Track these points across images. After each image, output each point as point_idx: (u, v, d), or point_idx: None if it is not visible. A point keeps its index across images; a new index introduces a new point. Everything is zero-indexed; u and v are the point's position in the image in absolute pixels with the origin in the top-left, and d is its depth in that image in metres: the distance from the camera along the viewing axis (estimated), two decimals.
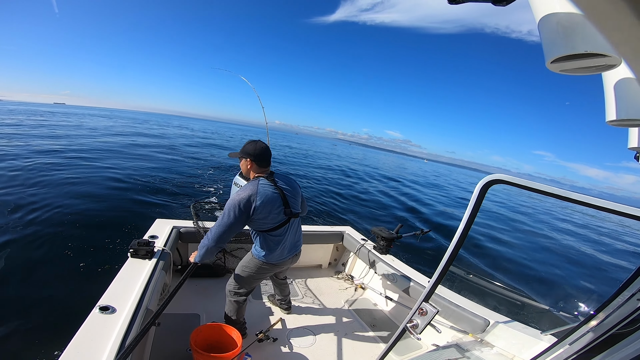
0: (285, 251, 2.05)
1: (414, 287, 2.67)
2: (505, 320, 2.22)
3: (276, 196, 1.88)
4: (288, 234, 2.00)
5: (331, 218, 7.74)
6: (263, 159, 1.93)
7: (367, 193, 12.46)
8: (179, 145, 18.69)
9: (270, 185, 1.89)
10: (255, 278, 2.10)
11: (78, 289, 3.25)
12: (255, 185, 1.84)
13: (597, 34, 0.60)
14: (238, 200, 1.77)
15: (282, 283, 2.58)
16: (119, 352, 1.34)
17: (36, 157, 8.76)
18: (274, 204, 1.87)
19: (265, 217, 1.86)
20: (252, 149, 1.92)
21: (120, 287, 1.78)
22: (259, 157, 1.92)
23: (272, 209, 1.86)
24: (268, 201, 1.83)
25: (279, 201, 1.89)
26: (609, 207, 0.97)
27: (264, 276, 2.14)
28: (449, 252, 1.26)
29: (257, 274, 2.07)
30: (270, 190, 1.87)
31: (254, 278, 2.10)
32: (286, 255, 2.07)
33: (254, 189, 1.82)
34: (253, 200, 1.79)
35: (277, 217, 1.91)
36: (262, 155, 1.93)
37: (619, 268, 8.43)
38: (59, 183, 6.64)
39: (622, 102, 0.83)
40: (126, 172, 8.47)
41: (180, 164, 11.36)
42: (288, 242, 2.03)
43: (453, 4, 0.63)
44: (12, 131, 14.73)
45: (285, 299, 2.65)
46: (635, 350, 0.86)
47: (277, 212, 1.89)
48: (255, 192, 1.81)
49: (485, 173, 1.66)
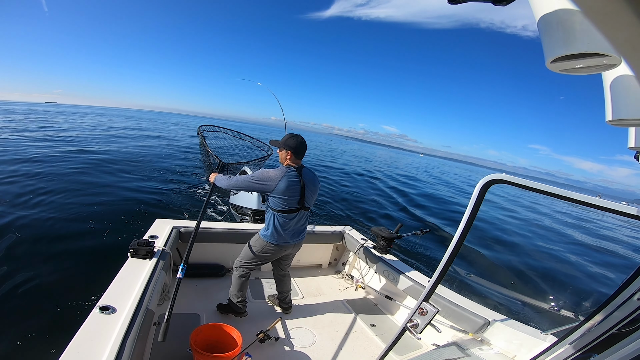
0: (288, 236, 2.27)
1: (414, 287, 2.67)
2: (505, 320, 2.22)
3: (297, 186, 2.15)
4: (294, 221, 2.25)
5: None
6: (300, 152, 2.21)
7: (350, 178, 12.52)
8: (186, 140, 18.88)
9: (296, 176, 2.16)
10: (258, 257, 2.32)
11: (78, 289, 3.25)
12: (284, 171, 2.13)
13: (597, 33, 0.60)
14: (265, 173, 2.12)
15: (283, 276, 2.60)
16: (119, 352, 1.34)
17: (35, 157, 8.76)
18: (292, 192, 2.14)
19: (281, 199, 2.13)
20: (293, 142, 2.18)
21: (120, 287, 1.78)
22: (297, 150, 2.19)
23: (290, 195, 2.13)
24: (289, 187, 2.11)
25: (298, 191, 2.16)
26: (609, 207, 0.97)
27: (267, 257, 2.34)
28: (449, 252, 1.26)
29: (261, 253, 2.30)
30: (294, 179, 2.14)
31: (258, 257, 2.32)
32: (289, 241, 2.29)
33: (282, 174, 2.12)
34: (275, 181, 2.09)
35: (291, 204, 2.17)
36: (300, 149, 2.20)
37: (619, 267, 8.43)
38: (63, 179, 6.65)
39: (622, 102, 0.83)
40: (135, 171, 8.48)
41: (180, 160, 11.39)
42: (293, 228, 2.27)
43: (453, 3, 0.63)
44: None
45: (285, 297, 2.63)
46: (635, 350, 0.86)
47: (293, 199, 2.16)
48: (281, 176, 2.10)
49: (480, 167, 1.67)
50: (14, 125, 17.95)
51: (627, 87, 0.81)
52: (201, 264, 2.98)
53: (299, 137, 2.21)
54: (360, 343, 2.48)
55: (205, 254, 2.98)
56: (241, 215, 4.84)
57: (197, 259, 2.99)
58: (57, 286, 3.29)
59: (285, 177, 2.10)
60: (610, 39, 0.26)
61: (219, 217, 6.20)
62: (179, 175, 9.43)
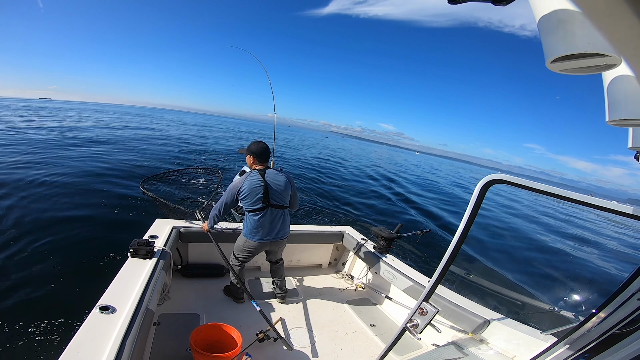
0: (264, 234, 2.45)
1: (414, 287, 2.67)
2: (505, 320, 2.22)
3: (259, 187, 2.35)
4: (265, 219, 2.41)
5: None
6: (261, 156, 2.44)
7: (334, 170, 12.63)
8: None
9: (259, 179, 2.37)
10: (244, 251, 2.52)
11: (78, 289, 3.26)
12: (245, 178, 2.37)
13: (597, 33, 0.60)
14: (232, 187, 2.38)
15: (275, 264, 2.79)
16: (119, 352, 1.34)
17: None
18: (255, 192, 2.35)
19: (247, 200, 2.36)
20: (255, 148, 2.43)
21: (120, 287, 1.78)
22: (258, 155, 2.43)
23: (254, 195, 2.35)
24: (251, 190, 2.34)
25: (261, 191, 2.36)
26: (609, 207, 0.97)
27: (251, 251, 2.52)
28: (449, 252, 1.26)
29: (245, 248, 2.50)
30: (255, 181, 2.36)
31: (243, 252, 2.53)
32: (266, 239, 2.46)
33: (242, 180, 2.36)
34: (240, 189, 2.34)
35: (257, 204, 2.37)
36: (261, 153, 2.43)
37: (619, 267, 8.43)
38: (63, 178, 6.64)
39: (622, 102, 0.82)
40: (132, 167, 8.48)
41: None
42: (266, 227, 2.44)
43: (453, 3, 0.63)
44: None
45: (279, 283, 2.80)
46: (635, 350, 0.86)
47: (257, 199, 2.36)
48: (242, 183, 2.34)
49: (475, 165, 1.67)
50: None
51: (627, 88, 0.81)
52: (201, 264, 2.99)
53: (260, 143, 2.47)
54: (360, 343, 2.48)
55: (205, 254, 2.98)
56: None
57: (197, 259, 3.00)
58: (57, 286, 3.29)
59: (248, 180, 2.34)
60: (610, 39, 0.26)
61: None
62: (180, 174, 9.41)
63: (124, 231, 4.69)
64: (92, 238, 4.41)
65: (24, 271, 3.46)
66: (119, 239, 4.37)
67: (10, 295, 3.06)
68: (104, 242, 4.30)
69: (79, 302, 3.01)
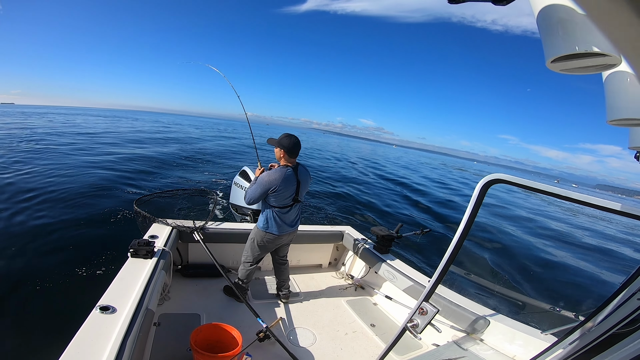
0: (284, 227, 2.48)
1: (414, 287, 2.67)
2: (505, 320, 2.22)
3: (293, 185, 2.36)
4: (290, 213, 2.47)
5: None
6: (291, 151, 2.35)
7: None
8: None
9: (294, 178, 2.36)
10: (260, 247, 2.52)
11: (78, 289, 3.25)
12: (283, 173, 2.30)
13: (597, 33, 0.60)
14: (265, 183, 2.28)
15: (282, 264, 2.80)
16: (119, 352, 1.34)
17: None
18: (290, 190, 2.36)
19: (280, 198, 2.35)
20: (287, 142, 2.33)
21: (120, 287, 1.78)
22: (290, 150, 2.35)
23: (287, 194, 2.35)
24: (287, 187, 2.33)
25: (294, 189, 2.38)
26: (608, 206, 0.97)
27: (268, 246, 2.54)
28: (450, 252, 1.26)
29: (262, 243, 2.50)
30: (291, 181, 2.34)
31: (260, 247, 2.52)
32: (285, 230, 2.50)
33: (282, 175, 2.29)
34: (275, 187, 2.28)
35: (287, 200, 2.39)
36: (293, 148, 2.35)
37: (620, 267, 8.43)
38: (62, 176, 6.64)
39: (622, 102, 0.82)
40: (129, 170, 8.48)
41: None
42: (288, 219, 2.49)
43: (453, 3, 0.63)
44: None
45: (283, 285, 2.81)
46: (635, 350, 0.85)
47: (289, 196, 2.38)
48: (280, 178, 2.28)
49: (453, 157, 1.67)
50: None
51: (627, 87, 0.81)
52: (201, 264, 2.98)
53: (293, 137, 2.37)
54: (360, 343, 2.48)
55: (205, 254, 2.98)
56: (241, 215, 4.85)
57: (197, 259, 2.99)
58: (57, 286, 3.28)
59: (284, 180, 2.30)
60: (610, 39, 0.26)
61: (219, 217, 6.19)
62: (181, 172, 9.42)
63: (124, 231, 4.69)
64: (92, 238, 4.40)
65: (24, 271, 3.46)
66: (119, 238, 4.37)
67: (11, 295, 3.06)
68: (103, 242, 4.29)
69: (79, 302, 3.01)
